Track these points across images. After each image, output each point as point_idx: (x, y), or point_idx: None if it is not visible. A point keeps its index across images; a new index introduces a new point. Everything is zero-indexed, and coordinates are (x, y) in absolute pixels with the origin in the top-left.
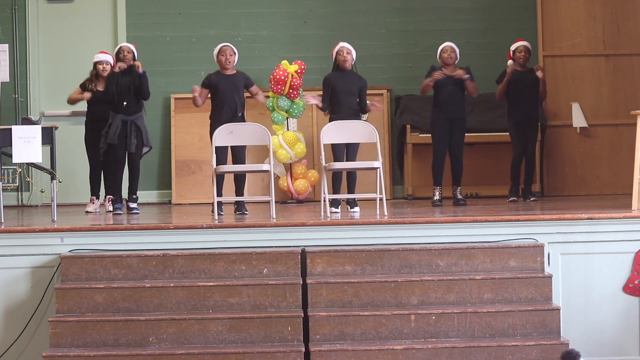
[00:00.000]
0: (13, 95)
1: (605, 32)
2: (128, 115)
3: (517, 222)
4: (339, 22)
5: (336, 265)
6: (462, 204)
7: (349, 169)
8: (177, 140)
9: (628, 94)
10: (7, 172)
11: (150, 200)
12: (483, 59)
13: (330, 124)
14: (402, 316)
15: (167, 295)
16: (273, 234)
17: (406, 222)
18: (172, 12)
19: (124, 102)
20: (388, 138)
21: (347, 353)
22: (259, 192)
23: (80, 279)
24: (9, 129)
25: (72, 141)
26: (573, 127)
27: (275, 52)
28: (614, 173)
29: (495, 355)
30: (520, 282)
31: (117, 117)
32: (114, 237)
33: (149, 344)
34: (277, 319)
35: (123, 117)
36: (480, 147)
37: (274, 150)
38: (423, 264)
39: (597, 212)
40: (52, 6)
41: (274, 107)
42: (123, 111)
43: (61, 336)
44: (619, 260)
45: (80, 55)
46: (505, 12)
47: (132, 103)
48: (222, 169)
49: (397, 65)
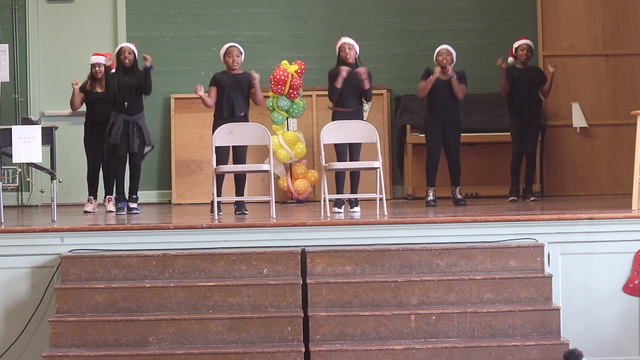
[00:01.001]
0: (13, 95)
1: (605, 32)
2: (130, 115)
3: (517, 222)
4: (339, 22)
5: (336, 265)
6: (462, 204)
7: (350, 169)
8: (177, 140)
9: (628, 94)
10: (7, 172)
11: (150, 200)
12: (483, 59)
13: (330, 124)
14: (402, 316)
15: (167, 295)
16: (273, 234)
17: (406, 222)
18: (172, 12)
19: (125, 103)
20: (388, 138)
21: (347, 353)
22: (259, 192)
23: (80, 279)
24: (9, 129)
25: (72, 141)
26: (573, 127)
27: (275, 52)
28: (614, 173)
29: (495, 355)
30: (520, 282)
31: (119, 117)
32: (114, 237)
33: (149, 344)
34: (277, 319)
35: (125, 117)
36: (480, 147)
37: (274, 150)
38: (423, 264)
39: (597, 212)
40: (52, 6)
41: (274, 107)
42: (125, 111)
43: (61, 336)
44: (619, 260)
45: (80, 55)
46: (505, 12)
47: (134, 103)
48: (222, 169)
49: (397, 65)
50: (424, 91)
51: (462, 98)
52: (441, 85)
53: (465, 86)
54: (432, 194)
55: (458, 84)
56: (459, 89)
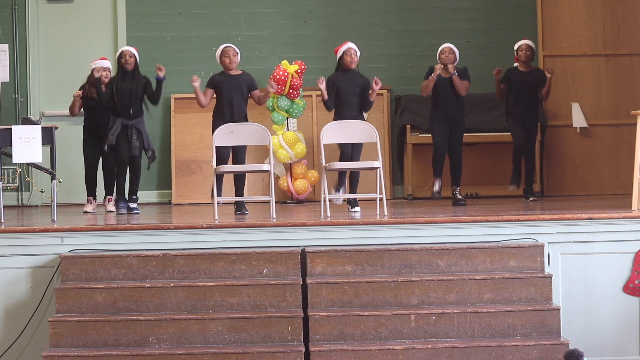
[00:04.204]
0: (13, 95)
1: (605, 32)
2: (129, 120)
3: (517, 222)
4: (339, 22)
5: (336, 265)
6: (462, 204)
7: (350, 169)
8: (177, 140)
9: (628, 94)
10: (7, 172)
11: (150, 200)
12: (483, 59)
13: (330, 124)
14: (402, 316)
15: (167, 295)
16: (273, 234)
17: (406, 222)
18: (172, 12)
19: (130, 108)
20: (388, 138)
21: (347, 353)
22: (259, 192)
23: (80, 279)
24: (9, 129)
25: (72, 141)
26: (573, 127)
27: (275, 52)
28: (614, 173)
29: (495, 355)
30: (520, 282)
31: (117, 121)
32: (114, 237)
33: (149, 344)
34: (277, 319)
35: (123, 121)
36: (480, 147)
37: (274, 150)
38: (423, 264)
39: (597, 212)
40: (52, 6)
41: (274, 107)
42: (124, 115)
43: (61, 336)
44: (619, 260)
45: (80, 55)
46: (505, 12)
47: (134, 107)
48: (222, 169)
49: (397, 65)
50: (426, 90)
51: (465, 94)
52: (445, 83)
53: (469, 82)
54: (439, 184)
55: (460, 81)
56: (461, 86)
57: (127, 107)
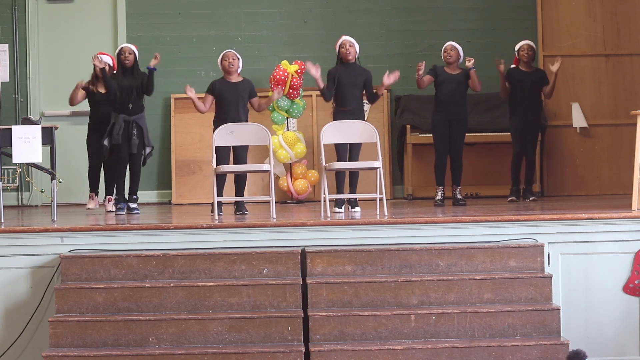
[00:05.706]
0: (13, 95)
1: (605, 32)
2: (130, 115)
3: (517, 222)
4: (339, 22)
5: (336, 265)
6: (462, 204)
7: (349, 169)
8: (177, 140)
9: (628, 94)
10: (7, 172)
11: (150, 200)
12: (483, 59)
13: (330, 124)
14: (402, 316)
15: (167, 295)
16: (273, 234)
17: (406, 222)
18: (172, 12)
19: (129, 104)
20: (388, 138)
21: (347, 353)
22: (259, 192)
23: (80, 279)
24: (9, 129)
25: (72, 141)
26: (573, 127)
27: (275, 52)
28: (614, 173)
29: (495, 355)
30: (520, 282)
31: (120, 118)
32: (114, 237)
33: (149, 344)
34: (277, 319)
35: (125, 117)
36: (481, 147)
37: (274, 150)
38: (423, 264)
39: (597, 212)
40: (52, 6)
41: (274, 107)
42: (125, 111)
43: (61, 336)
44: (619, 260)
45: (80, 55)
46: (505, 12)
47: (134, 103)
48: (223, 169)
49: (397, 65)
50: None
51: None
52: (449, 80)
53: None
54: (441, 193)
55: (476, 76)
56: (478, 81)
57: (127, 103)
